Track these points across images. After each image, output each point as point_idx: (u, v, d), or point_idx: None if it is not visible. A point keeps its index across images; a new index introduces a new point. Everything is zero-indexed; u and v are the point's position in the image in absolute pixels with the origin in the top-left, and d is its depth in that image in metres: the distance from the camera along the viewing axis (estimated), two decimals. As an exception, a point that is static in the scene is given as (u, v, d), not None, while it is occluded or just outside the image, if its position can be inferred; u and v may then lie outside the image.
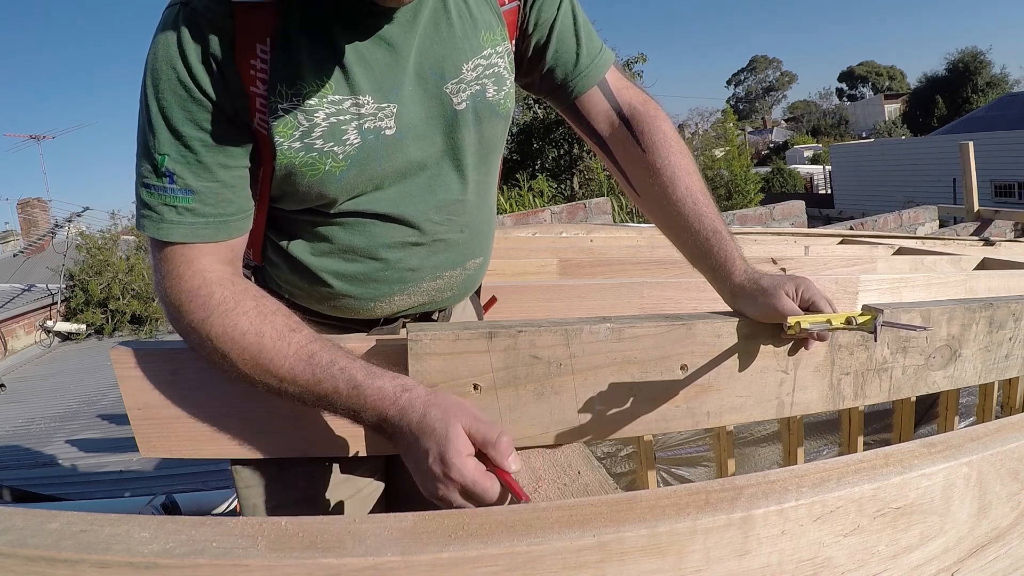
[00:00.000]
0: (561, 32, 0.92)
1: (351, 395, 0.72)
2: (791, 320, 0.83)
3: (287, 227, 0.88)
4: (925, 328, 0.81)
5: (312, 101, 0.77)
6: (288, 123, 0.77)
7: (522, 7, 0.90)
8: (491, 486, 0.66)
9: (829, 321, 0.83)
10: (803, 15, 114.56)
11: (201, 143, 0.75)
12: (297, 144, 0.78)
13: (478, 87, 0.86)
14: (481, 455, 0.68)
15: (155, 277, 0.80)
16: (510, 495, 0.67)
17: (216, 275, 0.78)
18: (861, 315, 0.82)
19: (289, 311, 0.78)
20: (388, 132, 0.82)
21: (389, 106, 0.81)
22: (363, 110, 0.80)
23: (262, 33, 0.75)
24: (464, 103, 0.85)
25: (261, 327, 0.75)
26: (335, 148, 0.79)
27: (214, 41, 0.74)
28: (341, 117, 0.79)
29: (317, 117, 0.77)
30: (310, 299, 0.92)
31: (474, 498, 0.66)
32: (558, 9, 0.92)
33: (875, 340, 0.83)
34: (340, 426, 0.84)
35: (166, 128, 0.75)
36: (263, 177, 0.82)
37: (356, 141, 0.80)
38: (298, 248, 0.88)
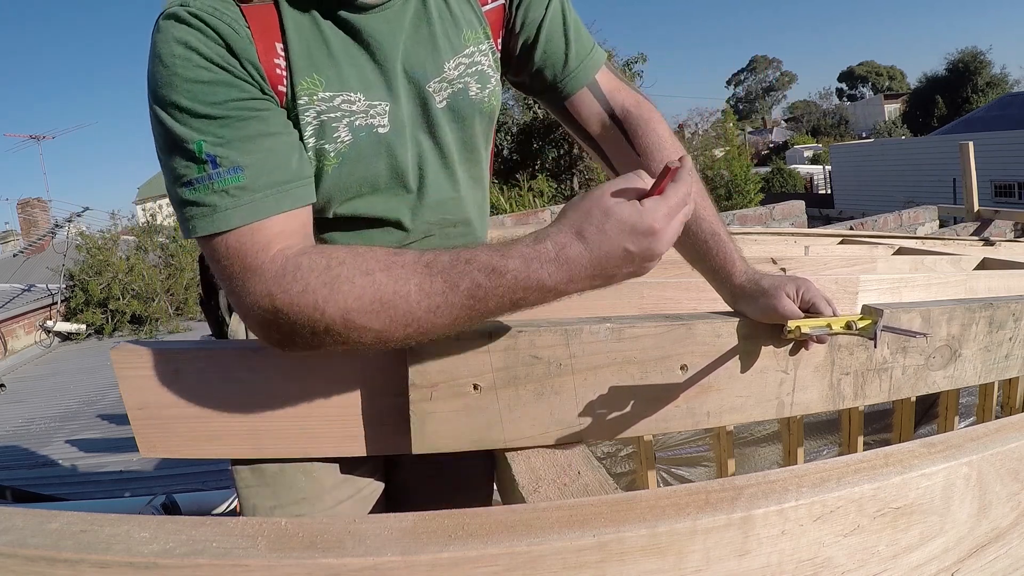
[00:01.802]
0: (549, 32, 0.92)
1: (495, 286, 0.64)
2: (791, 324, 0.83)
3: None
4: (925, 334, 0.81)
5: (303, 99, 0.77)
6: None
7: (508, 6, 0.90)
8: (680, 192, 0.65)
9: (829, 325, 0.83)
10: (803, 15, 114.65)
11: (236, 117, 0.70)
12: None
13: (460, 85, 0.86)
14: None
15: (228, 287, 0.71)
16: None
17: (296, 249, 0.70)
18: (861, 319, 0.82)
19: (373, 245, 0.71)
20: (381, 130, 0.81)
21: (381, 104, 0.81)
22: (354, 107, 0.79)
23: (274, 32, 0.74)
24: (444, 102, 0.85)
25: (365, 264, 0.66)
26: (326, 146, 0.79)
27: (233, 39, 0.71)
28: (332, 115, 0.78)
29: (308, 115, 0.77)
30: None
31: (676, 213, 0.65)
32: (546, 9, 0.91)
33: (875, 346, 0.83)
34: (340, 426, 0.84)
35: (194, 117, 0.69)
36: None
37: (347, 139, 0.80)
38: None
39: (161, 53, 0.70)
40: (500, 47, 0.92)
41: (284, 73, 0.75)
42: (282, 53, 0.75)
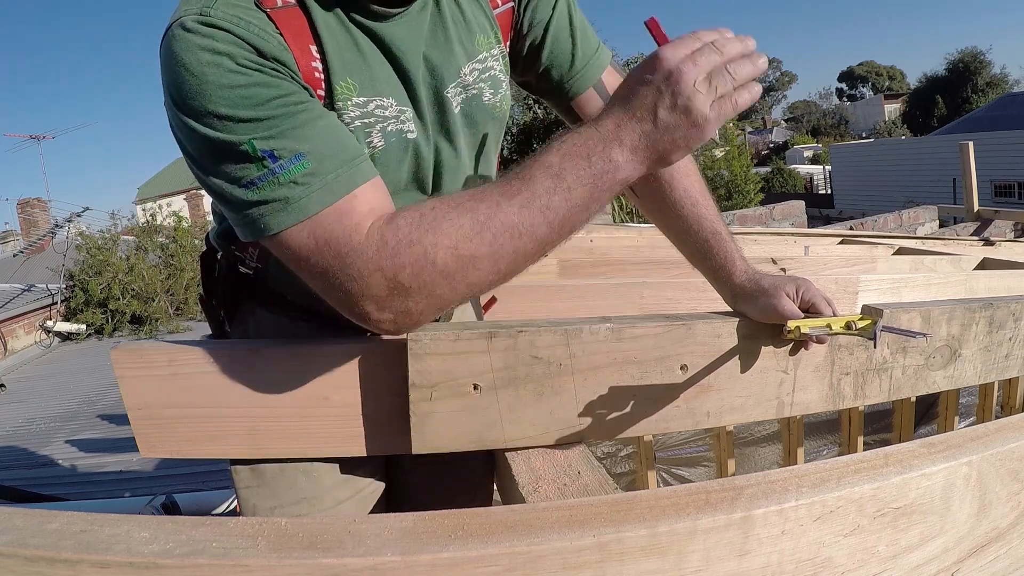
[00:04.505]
0: (556, 33, 0.92)
1: (561, 158, 0.67)
2: (791, 324, 0.83)
3: None
4: (925, 335, 0.81)
5: (338, 104, 0.76)
6: None
7: (516, 7, 0.90)
8: (690, 38, 0.67)
9: (828, 325, 0.83)
10: (803, 15, 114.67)
11: (283, 114, 0.67)
12: None
13: (475, 91, 0.86)
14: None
15: (325, 283, 0.68)
16: None
17: (385, 218, 0.68)
18: (861, 319, 0.82)
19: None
20: (410, 135, 0.81)
21: (408, 109, 0.81)
22: (387, 112, 0.79)
23: (307, 35, 0.73)
24: (459, 107, 0.85)
25: (453, 200, 0.68)
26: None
27: (265, 48, 0.68)
28: (366, 120, 0.78)
29: (344, 119, 0.76)
30: (310, 299, 0.92)
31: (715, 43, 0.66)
32: (553, 9, 0.91)
33: (874, 347, 0.83)
34: (340, 426, 0.84)
35: (238, 122, 0.65)
36: None
37: (380, 144, 0.79)
38: None
39: (186, 61, 0.65)
40: (508, 49, 0.92)
41: (322, 77, 0.73)
42: (318, 56, 0.73)
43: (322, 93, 0.73)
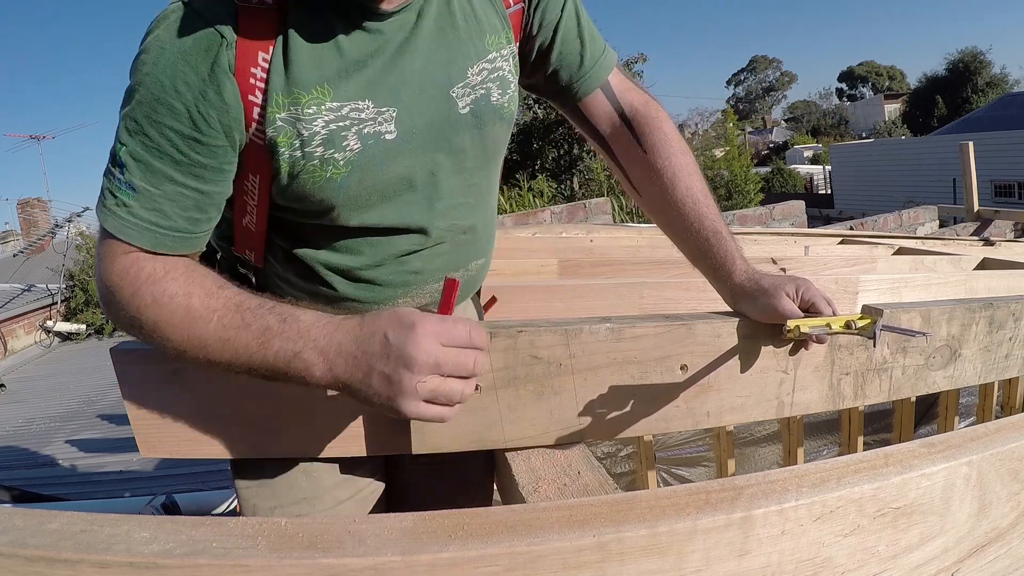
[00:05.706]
0: (565, 34, 0.92)
1: (282, 330, 0.69)
2: (790, 324, 0.83)
3: (293, 232, 0.88)
4: (924, 334, 0.81)
5: (311, 110, 0.76)
6: (287, 132, 0.76)
7: (526, 8, 0.90)
8: (461, 329, 0.66)
9: (828, 325, 0.83)
10: (803, 15, 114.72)
11: (158, 148, 0.73)
12: (298, 153, 0.77)
13: (483, 91, 0.86)
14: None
15: (96, 262, 0.79)
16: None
17: (148, 255, 0.76)
18: (861, 318, 0.82)
19: (217, 275, 0.76)
20: (388, 136, 0.81)
21: (388, 110, 0.80)
22: (363, 115, 0.79)
23: (264, 41, 0.74)
24: (467, 107, 0.85)
25: (190, 288, 0.73)
26: (335, 155, 0.78)
27: (213, 47, 0.72)
28: (341, 124, 0.78)
29: (316, 125, 0.76)
30: (313, 302, 0.92)
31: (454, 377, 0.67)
32: (562, 11, 0.91)
33: (874, 346, 0.83)
34: (340, 426, 0.84)
35: (134, 121, 0.73)
36: (260, 185, 0.81)
37: (356, 147, 0.79)
38: (303, 253, 0.88)
39: (147, 46, 0.74)
40: (518, 50, 0.92)
41: (260, 84, 0.74)
42: (263, 64, 0.74)
43: (255, 99, 0.75)
